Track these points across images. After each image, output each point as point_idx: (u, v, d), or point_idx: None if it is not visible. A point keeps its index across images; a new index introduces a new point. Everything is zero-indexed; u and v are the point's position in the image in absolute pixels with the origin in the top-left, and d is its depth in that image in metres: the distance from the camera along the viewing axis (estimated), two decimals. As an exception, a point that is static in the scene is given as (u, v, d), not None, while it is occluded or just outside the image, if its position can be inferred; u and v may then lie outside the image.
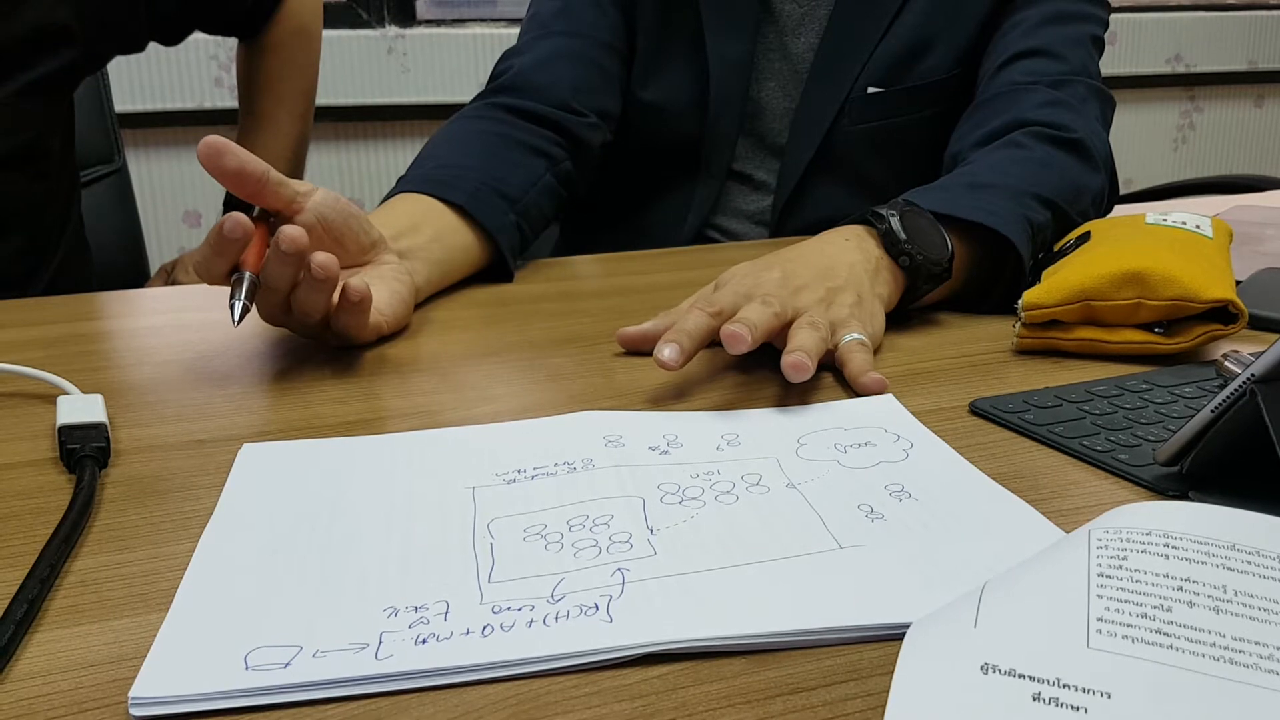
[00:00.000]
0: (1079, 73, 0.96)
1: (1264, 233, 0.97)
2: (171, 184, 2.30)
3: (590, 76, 1.02)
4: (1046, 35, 0.97)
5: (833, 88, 1.03)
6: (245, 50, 1.30)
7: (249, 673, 0.36)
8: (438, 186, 0.85)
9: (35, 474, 0.53)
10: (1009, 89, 0.94)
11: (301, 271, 0.64)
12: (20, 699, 0.35)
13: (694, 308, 0.64)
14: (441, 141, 0.95)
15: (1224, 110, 3.07)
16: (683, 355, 0.60)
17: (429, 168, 0.89)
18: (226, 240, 0.62)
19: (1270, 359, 0.45)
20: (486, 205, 0.86)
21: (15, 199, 1.06)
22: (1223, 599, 0.33)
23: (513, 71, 1.00)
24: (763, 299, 0.63)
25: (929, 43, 1.02)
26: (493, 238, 0.86)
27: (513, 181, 0.90)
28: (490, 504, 0.48)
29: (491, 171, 0.89)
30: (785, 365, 0.58)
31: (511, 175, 0.90)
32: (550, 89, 0.99)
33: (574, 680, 0.36)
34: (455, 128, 0.96)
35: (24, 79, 1.02)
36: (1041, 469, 0.52)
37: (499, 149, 0.92)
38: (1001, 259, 0.78)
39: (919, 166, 1.05)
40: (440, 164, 0.89)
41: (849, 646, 0.38)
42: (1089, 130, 0.90)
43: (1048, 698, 0.30)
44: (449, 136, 0.95)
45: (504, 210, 0.88)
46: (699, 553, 0.43)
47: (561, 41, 1.03)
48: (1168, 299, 0.65)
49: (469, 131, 0.94)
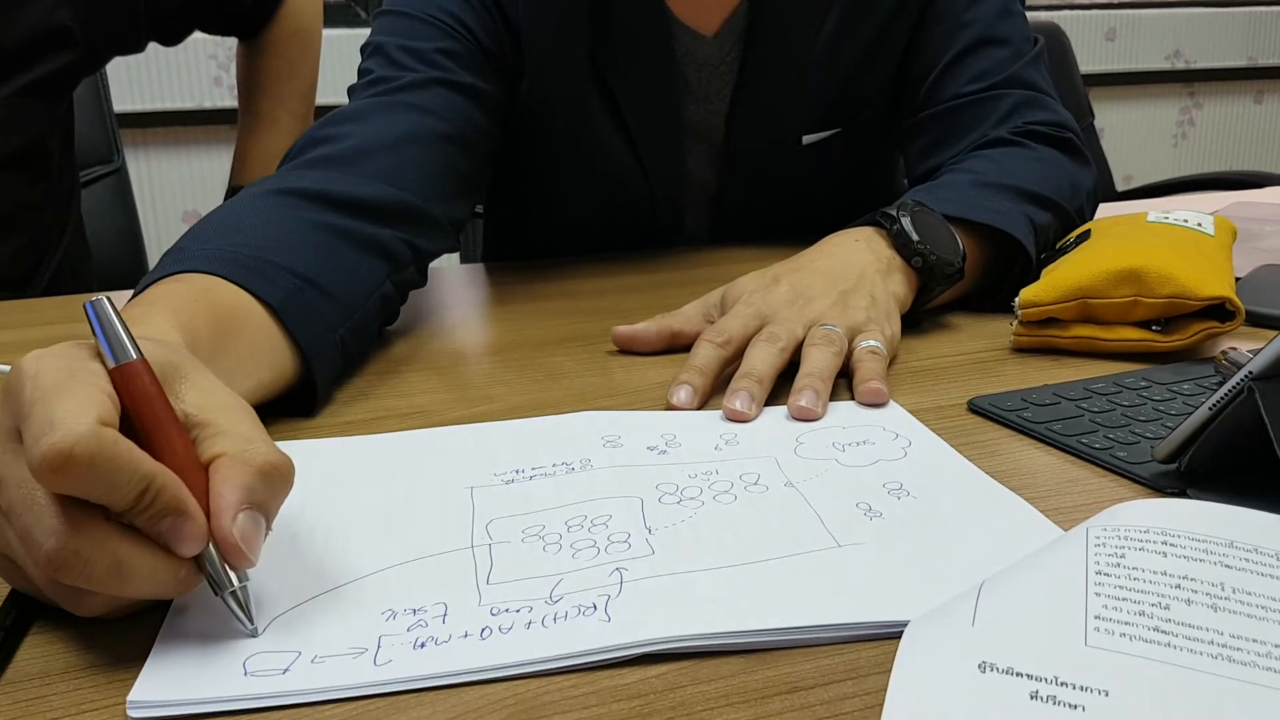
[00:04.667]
0: (1022, 50, 0.92)
1: (1263, 229, 0.97)
2: (171, 183, 2.30)
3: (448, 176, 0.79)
4: (976, 19, 0.91)
5: (756, 142, 0.96)
6: (245, 50, 1.30)
7: (248, 679, 0.36)
8: (246, 274, 0.59)
9: (34, 475, 0.53)
10: (969, 101, 0.90)
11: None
12: (18, 701, 0.35)
13: (702, 339, 0.63)
14: (246, 214, 0.65)
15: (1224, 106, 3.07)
16: (697, 395, 0.60)
17: (230, 242, 0.61)
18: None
19: (1268, 356, 0.45)
20: (303, 314, 0.60)
21: (14, 200, 1.06)
22: (1220, 596, 0.33)
23: (351, 143, 0.74)
24: (769, 335, 0.62)
25: (855, 79, 0.94)
26: (307, 360, 0.60)
27: (339, 284, 0.65)
28: (489, 504, 0.48)
29: (319, 270, 0.63)
30: (792, 409, 0.58)
31: (345, 279, 0.66)
32: (400, 172, 0.74)
33: (572, 680, 0.36)
34: (265, 204, 0.67)
35: (23, 80, 1.02)
36: (1040, 467, 0.52)
37: (331, 241, 0.67)
38: (1009, 259, 0.78)
39: (859, 193, 1.03)
40: (247, 243, 0.61)
41: (847, 645, 0.38)
42: (1071, 124, 0.90)
43: (1045, 696, 0.30)
44: (257, 212, 0.66)
45: (328, 325, 0.63)
46: (697, 552, 0.43)
47: (420, 120, 0.79)
48: (1164, 296, 0.65)
49: (289, 215, 0.66)
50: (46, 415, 0.35)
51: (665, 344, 0.69)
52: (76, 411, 0.35)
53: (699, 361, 0.62)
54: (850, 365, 0.63)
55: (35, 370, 0.37)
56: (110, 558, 0.36)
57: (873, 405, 0.59)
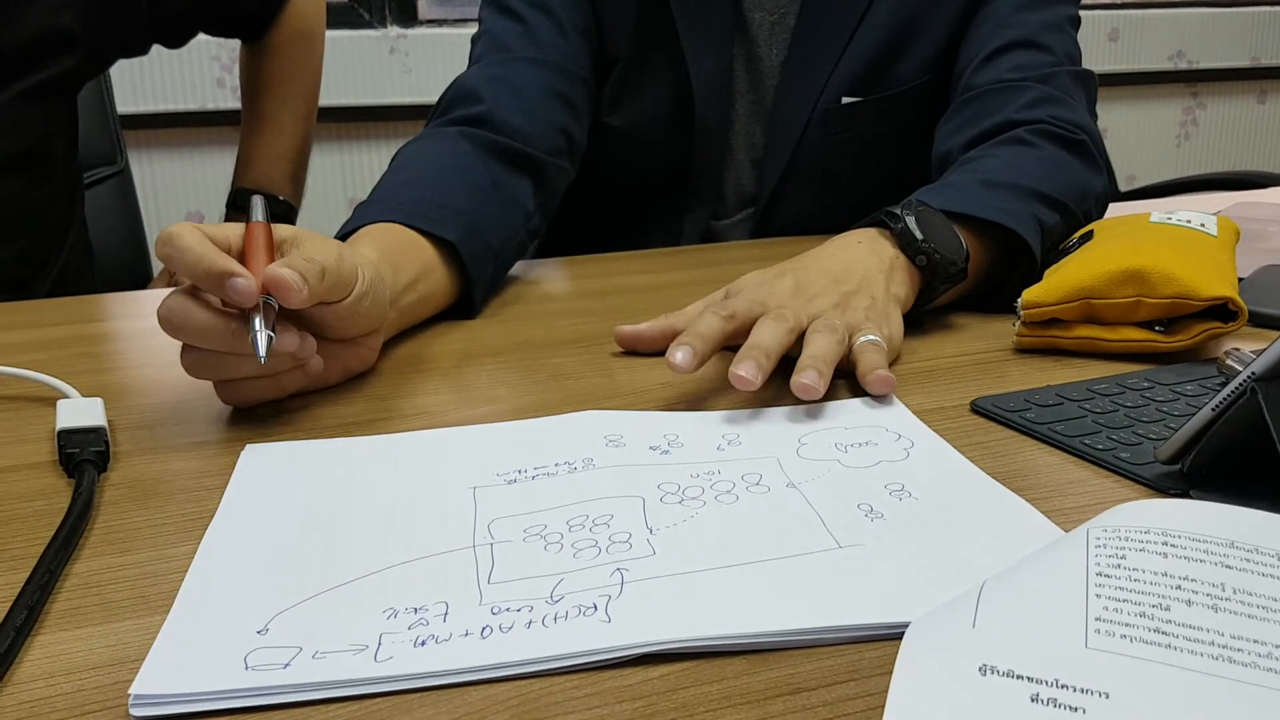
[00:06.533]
0: (1063, 61, 0.94)
1: (1267, 229, 0.97)
2: (174, 185, 2.31)
3: (564, 114, 0.95)
4: (1024, 23, 0.94)
5: (804, 97, 1.01)
6: (248, 52, 1.30)
7: (249, 673, 0.36)
8: (426, 221, 0.77)
9: (36, 477, 0.53)
10: (997, 87, 0.92)
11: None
12: (22, 701, 0.35)
13: (707, 311, 0.63)
14: (418, 169, 0.85)
15: (1227, 107, 3.06)
16: (696, 358, 0.59)
17: (407, 197, 0.80)
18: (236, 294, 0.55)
19: (1271, 357, 0.45)
20: (476, 253, 0.79)
21: (18, 202, 1.06)
22: (1221, 597, 0.33)
23: (484, 105, 0.90)
24: (776, 313, 0.62)
25: (899, 49, 0.99)
26: (470, 287, 0.79)
27: (495, 231, 0.83)
28: (491, 504, 0.48)
29: (479, 217, 0.81)
30: (795, 387, 0.57)
31: (494, 225, 0.83)
32: (524, 128, 0.90)
33: (575, 680, 0.36)
34: (429, 156, 0.87)
35: (26, 83, 1.02)
36: (1042, 468, 0.52)
37: (483, 193, 0.84)
38: (1014, 258, 0.78)
39: (894, 170, 1.03)
40: (421, 196, 0.80)
41: (849, 646, 0.38)
42: (1090, 128, 0.90)
43: (1046, 698, 0.30)
44: (426, 166, 0.86)
45: (487, 261, 0.81)
46: (698, 552, 0.43)
47: (530, 71, 0.94)
48: (1167, 297, 0.65)
49: (447, 165, 0.85)
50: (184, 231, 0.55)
51: (669, 344, 0.69)
52: (201, 233, 0.56)
53: (702, 327, 0.61)
54: (851, 358, 0.63)
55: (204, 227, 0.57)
56: (184, 313, 0.55)
57: (881, 395, 0.59)
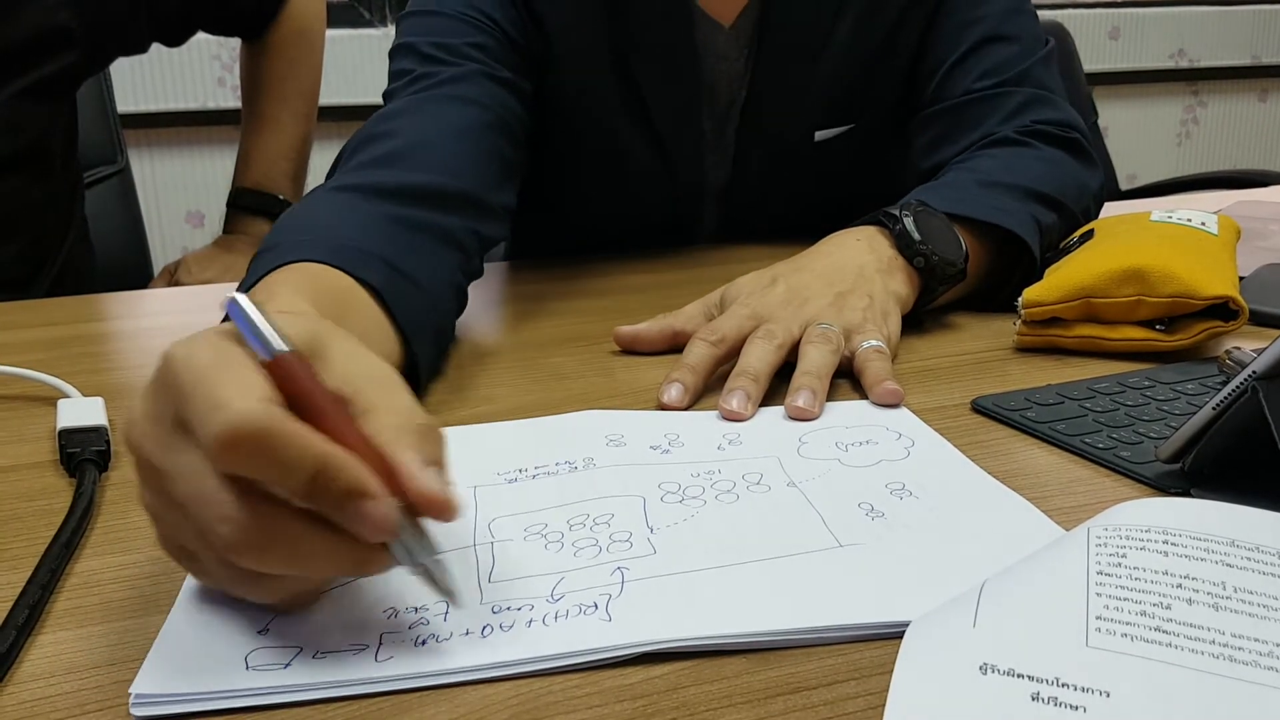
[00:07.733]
0: (1032, 48, 0.92)
1: (1267, 228, 0.97)
2: (175, 184, 2.31)
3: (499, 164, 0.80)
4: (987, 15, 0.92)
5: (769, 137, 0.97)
6: (248, 51, 1.30)
7: (249, 673, 0.36)
8: (347, 260, 0.58)
9: (38, 477, 0.53)
10: (976, 98, 0.90)
11: None
12: (23, 701, 0.35)
13: (696, 338, 0.63)
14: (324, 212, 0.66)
15: (1227, 105, 3.06)
16: (687, 394, 0.60)
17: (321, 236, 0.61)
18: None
19: (1272, 356, 0.45)
20: (403, 299, 0.60)
21: (17, 201, 1.06)
22: (1222, 596, 0.33)
23: (405, 139, 0.74)
24: (765, 332, 0.62)
25: (869, 77, 0.95)
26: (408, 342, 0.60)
27: (423, 275, 0.64)
28: (491, 503, 0.48)
29: (404, 260, 0.62)
30: (790, 410, 0.58)
31: (427, 270, 0.65)
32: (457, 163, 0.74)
33: (575, 680, 0.36)
34: (339, 201, 0.67)
35: (25, 81, 1.02)
36: (1043, 467, 0.52)
37: (408, 234, 0.66)
38: (1013, 258, 0.78)
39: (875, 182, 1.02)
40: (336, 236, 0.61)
41: (849, 645, 0.38)
42: (1078, 124, 0.90)
43: (1046, 697, 0.30)
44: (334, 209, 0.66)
45: (424, 310, 0.63)
46: (698, 552, 0.43)
47: (465, 111, 0.79)
48: (1167, 296, 0.65)
49: (364, 209, 0.66)
50: (211, 397, 0.34)
51: (667, 344, 0.69)
52: (243, 391, 0.34)
53: (691, 359, 0.62)
54: (855, 366, 0.62)
55: (187, 355, 0.36)
56: (287, 540, 0.35)
57: (890, 406, 0.59)
